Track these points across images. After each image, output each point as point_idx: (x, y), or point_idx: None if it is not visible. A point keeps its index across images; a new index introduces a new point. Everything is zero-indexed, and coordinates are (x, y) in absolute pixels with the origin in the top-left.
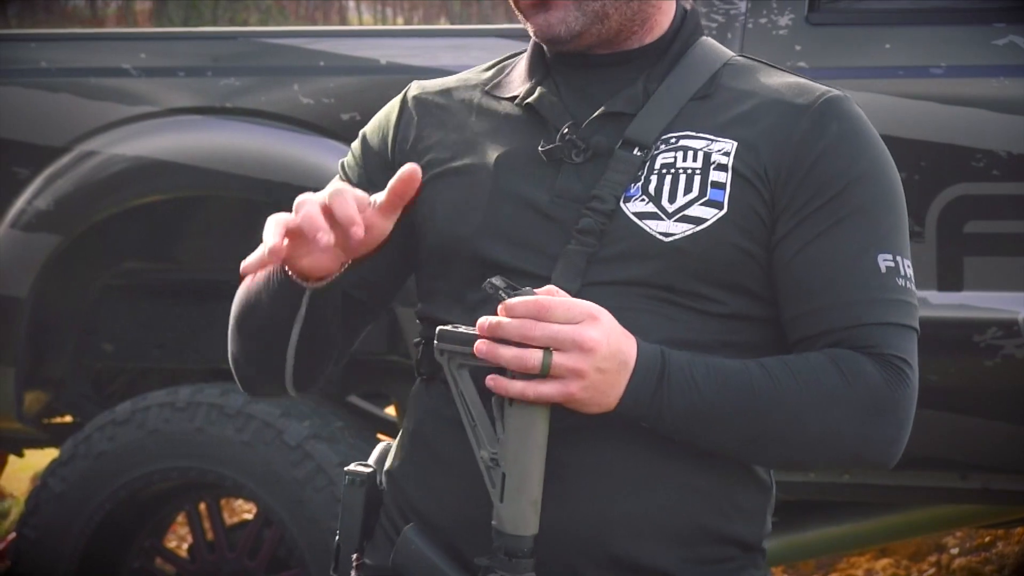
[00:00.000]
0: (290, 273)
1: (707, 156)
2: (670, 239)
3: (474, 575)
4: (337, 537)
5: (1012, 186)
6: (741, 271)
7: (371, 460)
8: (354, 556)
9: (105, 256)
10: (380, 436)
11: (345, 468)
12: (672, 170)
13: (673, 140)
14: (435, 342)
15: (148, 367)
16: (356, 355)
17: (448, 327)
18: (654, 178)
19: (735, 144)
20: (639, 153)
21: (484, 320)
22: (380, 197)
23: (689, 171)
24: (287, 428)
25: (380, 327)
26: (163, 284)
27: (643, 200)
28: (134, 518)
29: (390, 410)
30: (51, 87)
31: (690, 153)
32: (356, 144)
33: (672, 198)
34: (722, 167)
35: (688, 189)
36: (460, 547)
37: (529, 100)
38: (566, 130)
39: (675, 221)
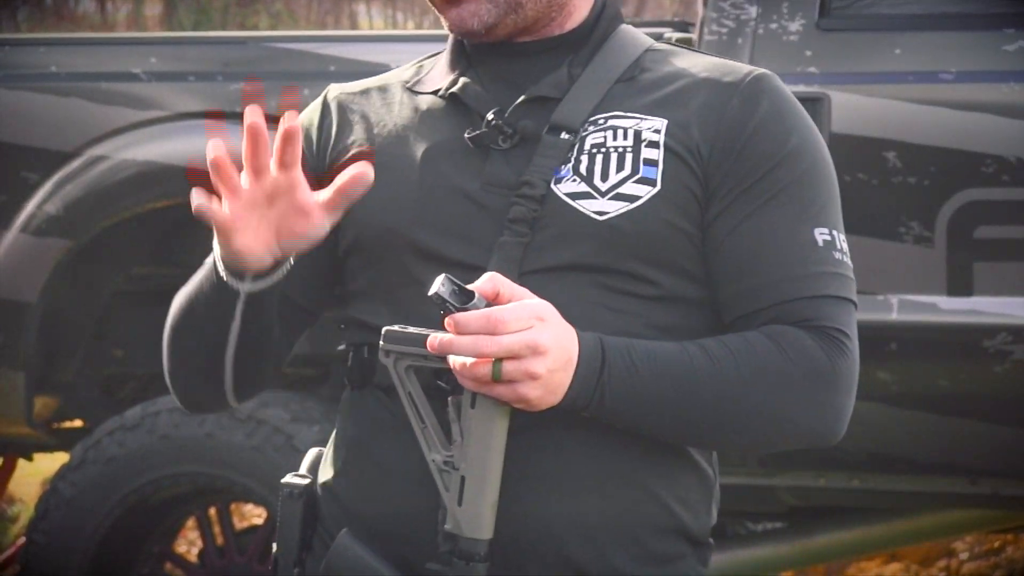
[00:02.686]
0: (223, 275)
1: (637, 134)
2: (604, 217)
3: None
4: (275, 551)
5: (1022, 191)
6: (676, 249)
7: (303, 469)
8: (295, 571)
9: (115, 261)
10: None
11: (282, 480)
12: (603, 149)
13: (601, 121)
14: (381, 343)
15: (158, 372)
16: None
17: (395, 327)
18: (585, 158)
19: (665, 122)
20: (567, 136)
21: (434, 338)
22: (324, 194)
23: (620, 149)
24: (297, 433)
25: None
26: (173, 289)
27: (575, 180)
28: (144, 523)
29: None
30: (61, 92)
31: (620, 132)
32: None
33: (604, 176)
34: (654, 144)
35: (620, 167)
36: (403, 553)
37: (453, 90)
38: (491, 116)
39: (609, 199)
